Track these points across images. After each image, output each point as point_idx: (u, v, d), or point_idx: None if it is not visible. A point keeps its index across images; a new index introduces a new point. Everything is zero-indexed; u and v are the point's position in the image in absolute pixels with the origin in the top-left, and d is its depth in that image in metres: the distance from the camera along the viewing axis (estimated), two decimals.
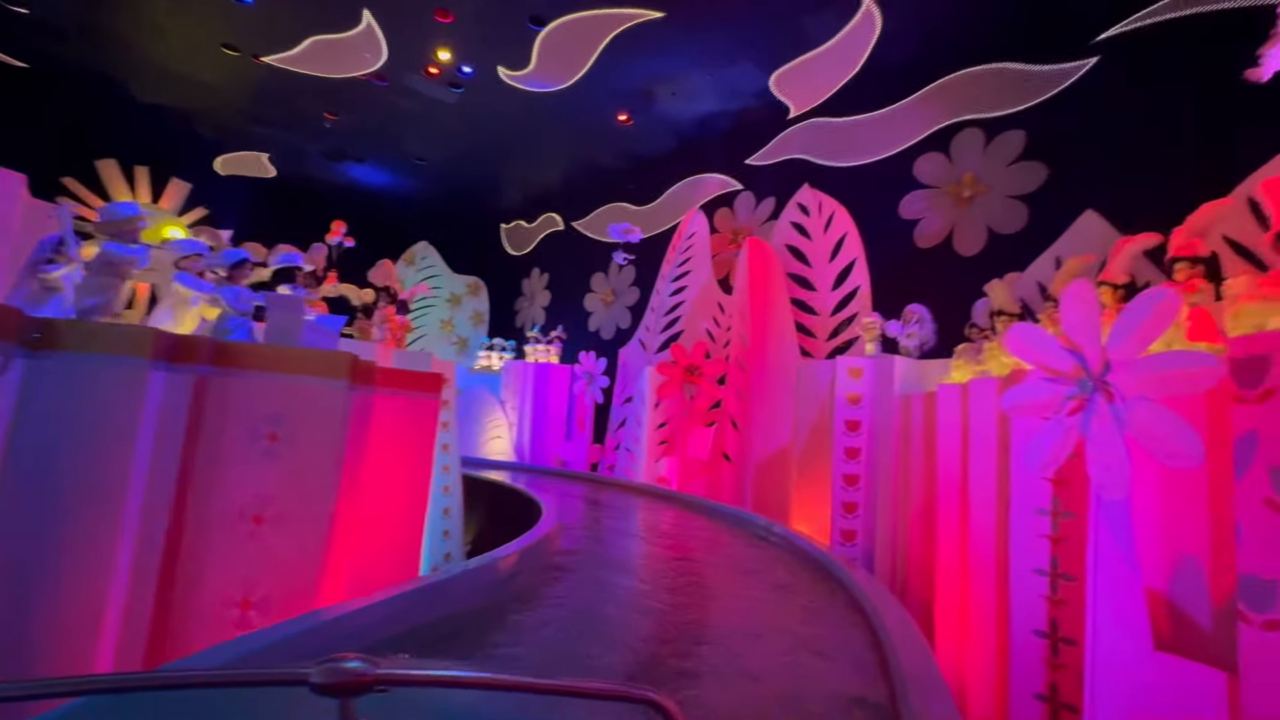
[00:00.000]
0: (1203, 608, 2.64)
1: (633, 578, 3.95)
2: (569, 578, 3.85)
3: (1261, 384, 2.28)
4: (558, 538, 4.93)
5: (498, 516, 7.86)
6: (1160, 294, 2.48)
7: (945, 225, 7.93)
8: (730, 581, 3.99)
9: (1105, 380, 2.72)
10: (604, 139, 11.60)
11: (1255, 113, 4.98)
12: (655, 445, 9.48)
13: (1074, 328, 2.82)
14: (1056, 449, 2.89)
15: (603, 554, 4.59)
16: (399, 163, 13.52)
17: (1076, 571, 3.31)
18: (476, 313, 14.74)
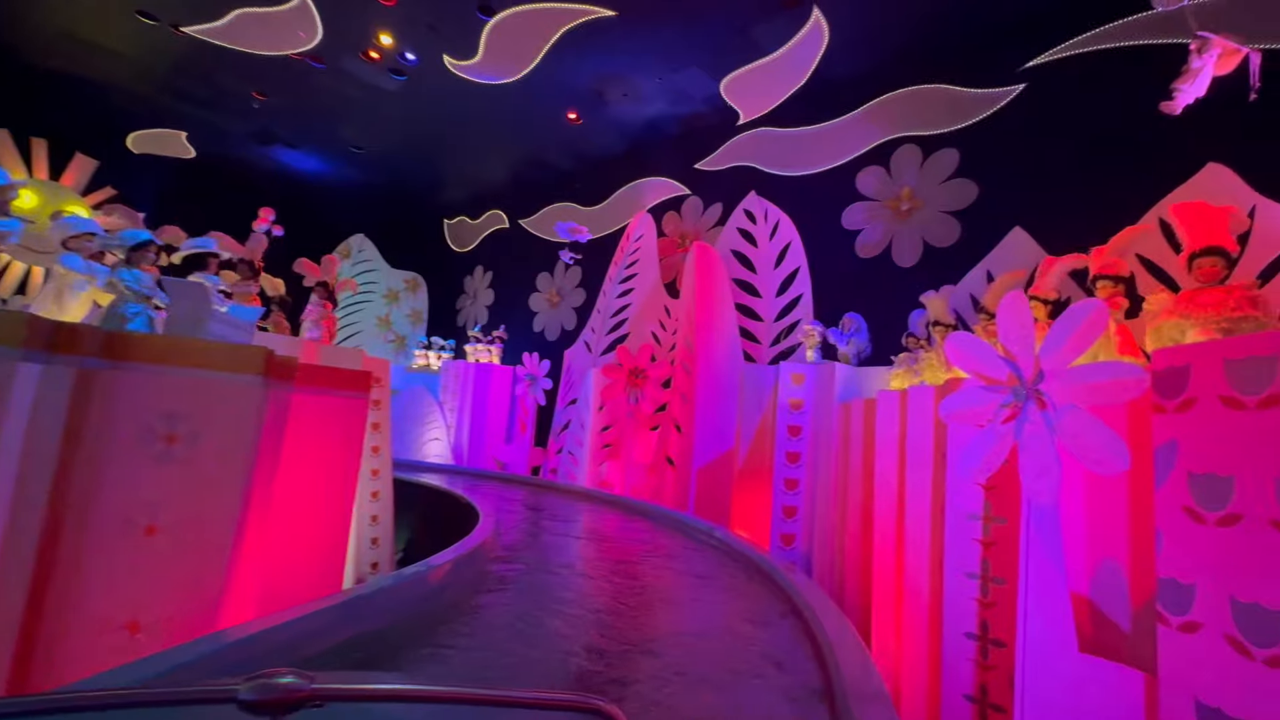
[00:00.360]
0: (1123, 610, 2.74)
1: (574, 587, 3.80)
2: (507, 588, 3.67)
3: (1180, 395, 2.38)
4: (495, 545, 4.72)
5: (432, 523, 7.53)
6: (1090, 306, 2.57)
7: (884, 237, 8.17)
8: (673, 588, 3.91)
9: (1038, 389, 2.79)
10: (553, 137, 11.40)
11: (1167, 141, 5.34)
12: (599, 449, 9.34)
13: (1010, 337, 2.89)
14: (991, 455, 2.95)
15: (543, 561, 4.42)
16: (335, 150, 12.87)
17: (1006, 575, 3.40)
18: (415, 310, 14.19)
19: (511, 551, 4.67)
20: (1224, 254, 3.07)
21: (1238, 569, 2.11)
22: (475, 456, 11.00)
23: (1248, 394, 2.12)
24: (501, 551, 4.61)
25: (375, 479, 5.77)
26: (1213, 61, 3.87)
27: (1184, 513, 2.32)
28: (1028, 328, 2.82)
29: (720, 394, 7.96)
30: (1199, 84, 3.91)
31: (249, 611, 2.87)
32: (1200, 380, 2.30)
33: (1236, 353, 2.18)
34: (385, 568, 5.81)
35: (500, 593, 3.56)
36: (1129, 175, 5.67)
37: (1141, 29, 6.27)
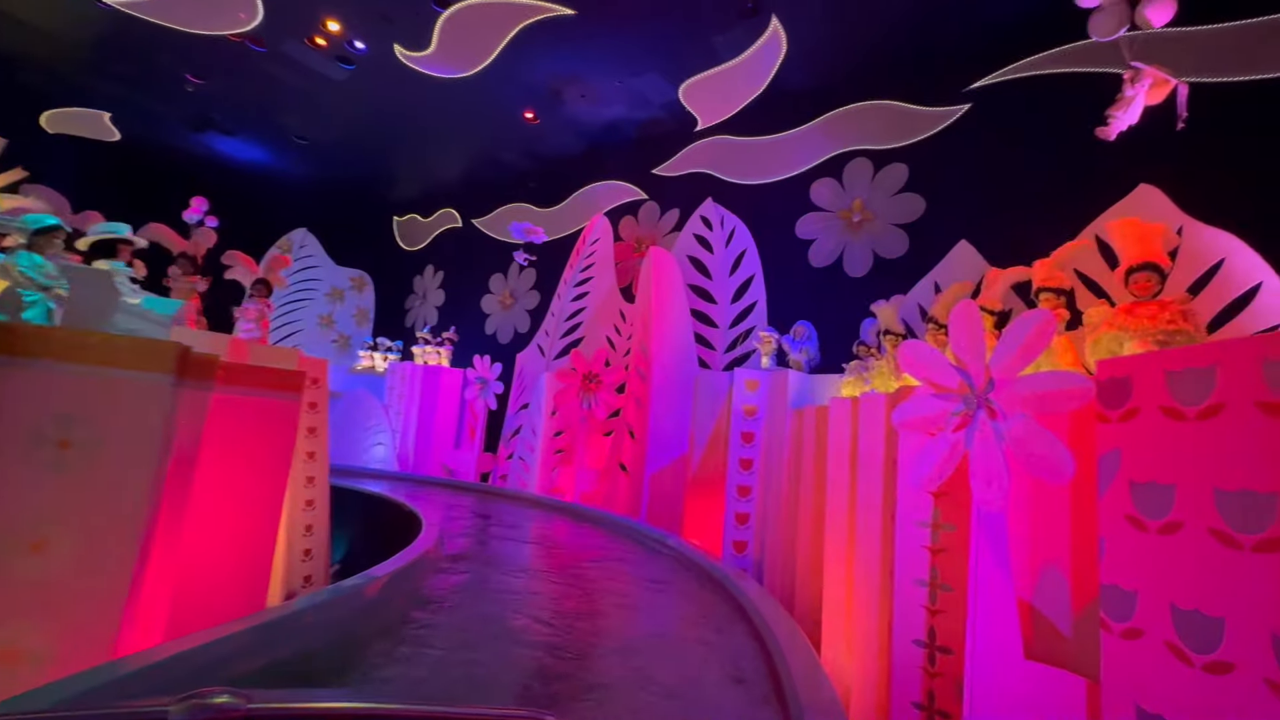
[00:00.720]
0: (1066, 617, 2.79)
1: (521, 600, 3.63)
2: (450, 602, 3.47)
3: (1123, 405, 2.43)
4: (438, 556, 4.50)
5: (373, 533, 7.17)
6: (1038, 316, 2.60)
7: (837, 247, 8.31)
8: (624, 598, 3.79)
9: (988, 398, 2.81)
10: (509, 136, 11.17)
11: (1102, 162, 5.60)
12: (550, 455, 9.14)
13: (961, 346, 2.91)
14: (942, 463, 2.96)
15: (490, 572, 4.23)
16: (276, 140, 12.27)
17: (955, 582, 3.43)
18: (361, 310, 13.64)
19: (456, 563, 4.46)
20: (1158, 269, 3.19)
21: (1178, 576, 2.15)
22: (422, 462, 10.61)
23: (1188, 405, 2.17)
24: (445, 563, 4.39)
25: (310, 486, 5.43)
26: (1144, 91, 4.06)
27: (1126, 521, 2.36)
28: (979, 337, 2.85)
29: (675, 400, 7.91)
30: (1132, 112, 4.10)
31: (154, 636, 2.59)
32: (1142, 391, 2.35)
33: (1176, 364, 2.23)
34: (320, 582, 5.46)
35: (442, 608, 3.36)
36: (1067, 193, 5.92)
37: (1080, 57, 6.58)
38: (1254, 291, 4.02)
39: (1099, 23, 4.12)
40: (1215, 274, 4.21)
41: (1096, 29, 4.14)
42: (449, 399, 10.82)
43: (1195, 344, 2.99)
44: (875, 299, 7.07)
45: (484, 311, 12.38)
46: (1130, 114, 4.09)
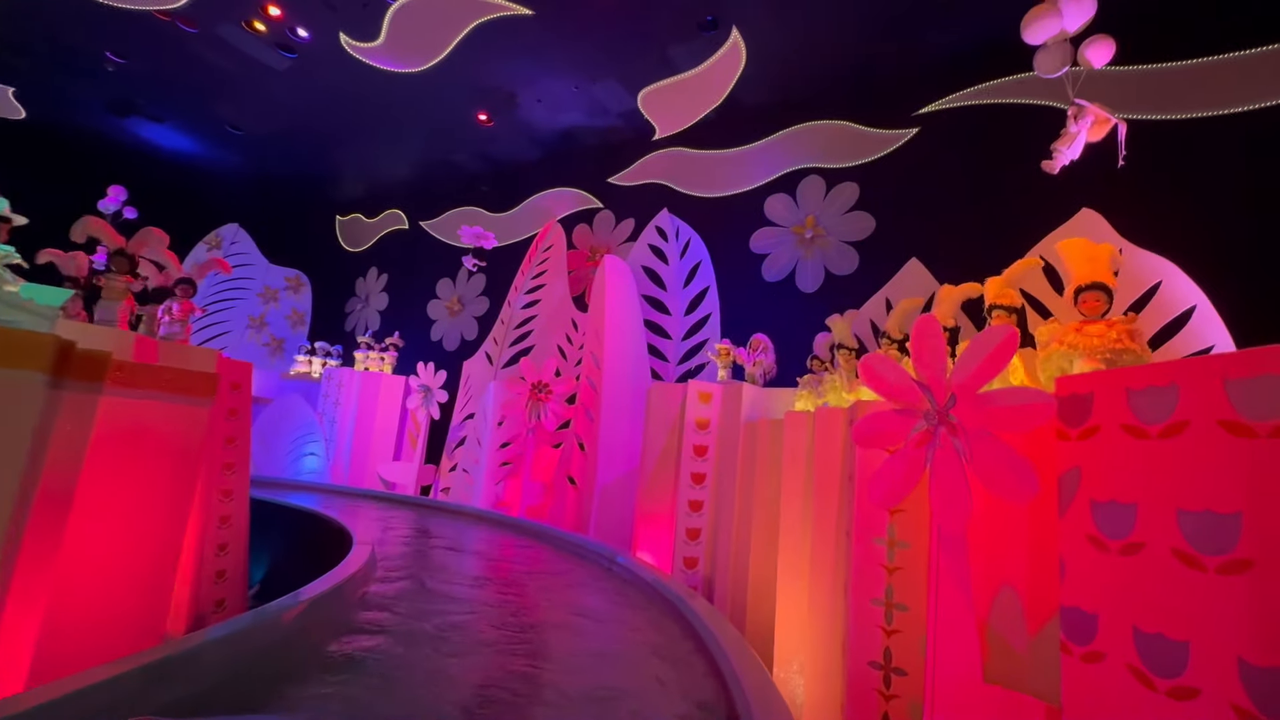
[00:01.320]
0: (1023, 639, 2.74)
1: (459, 629, 3.34)
2: (378, 633, 3.15)
3: (1083, 422, 2.40)
4: (369, 578, 4.14)
5: (299, 552, 6.65)
6: (1001, 331, 2.56)
7: (790, 262, 8.37)
8: (568, 623, 3.55)
9: (949, 414, 2.75)
10: (461, 137, 10.82)
11: (1046, 185, 5.83)
12: (496, 467, 8.77)
13: (922, 361, 2.86)
14: (902, 480, 2.89)
15: (426, 596, 3.90)
16: (208, 129, 11.51)
17: (911, 602, 3.36)
18: (296, 311, 12.88)
19: (388, 586, 4.10)
20: (1106, 289, 3.24)
21: (1140, 598, 2.11)
22: (358, 474, 10.02)
23: (1149, 423, 2.14)
24: (376, 586, 4.03)
25: (227, 501, 4.94)
26: (1087, 128, 4.20)
27: (1087, 540, 2.32)
28: (940, 351, 2.80)
29: (627, 411, 7.72)
30: (1075, 147, 4.24)
31: (15, 680, 2.20)
32: (1103, 409, 2.33)
33: (1138, 383, 2.21)
34: (235, 606, 4.97)
35: (370, 639, 3.04)
36: (1012, 216, 6.13)
37: (1022, 89, 6.87)
38: (1188, 314, 4.19)
39: (1043, 60, 4.25)
40: (1152, 296, 4.38)
41: (1041, 66, 4.26)
42: (389, 408, 10.29)
43: (1142, 363, 3.05)
44: (827, 314, 7.14)
45: (430, 317, 11.90)
46: (1073, 149, 4.22)
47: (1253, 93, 4.95)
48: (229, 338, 12.18)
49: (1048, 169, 4.28)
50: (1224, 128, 5.18)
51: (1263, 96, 4.90)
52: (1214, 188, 4.97)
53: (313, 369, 11.07)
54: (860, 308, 6.92)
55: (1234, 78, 5.09)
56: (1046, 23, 4.04)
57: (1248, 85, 4.97)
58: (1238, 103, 5.04)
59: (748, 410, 6.06)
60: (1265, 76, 4.90)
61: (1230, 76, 5.12)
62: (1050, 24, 4.03)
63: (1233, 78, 5.10)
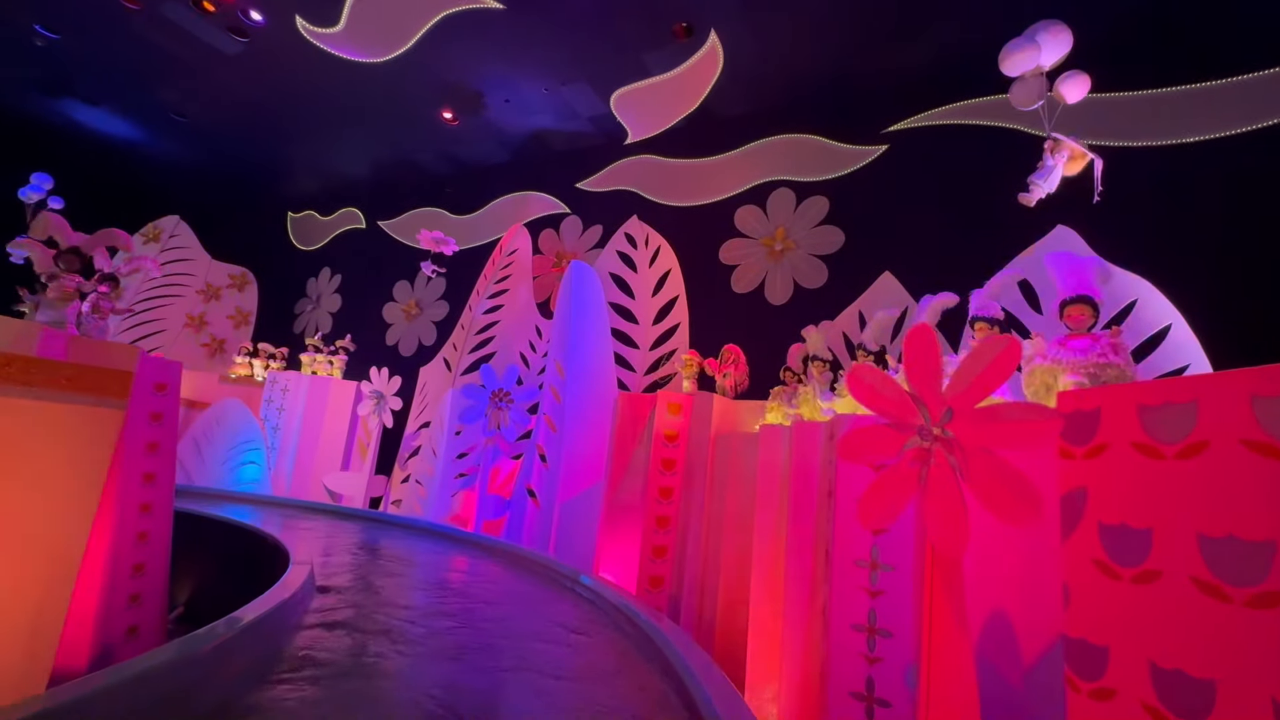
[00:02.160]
0: (1018, 670, 2.57)
1: (407, 668, 2.98)
2: (313, 673, 2.75)
3: (1090, 440, 2.26)
4: (304, 605, 3.71)
5: (231, 570, 6.08)
6: (1002, 341, 2.41)
7: (759, 274, 8.26)
8: (530, 658, 3.22)
9: (945, 429, 2.58)
10: (424, 135, 10.41)
11: (1015, 203, 5.90)
12: (452, 479, 8.32)
13: (916, 371, 2.68)
14: (893, 500, 2.69)
15: (370, 625, 3.51)
16: (149, 114, 10.76)
17: (895, 628, 3.17)
18: (240, 310, 12.11)
19: (328, 613, 3.68)
20: (1092, 302, 3.16)
21: (1157, 631, 1.95)
22: (302, 485, 9.38)
23: (1165, 442, 2.00)
24: (314, 614, 3.61)
25: (145, 515, 4.42)
26: (1063, 162, 4.19)
27: (1095, 566, 2.16)
28: (935, 362, 2.63)
29: (592, 422, 7.42)
30: (1051, 181, 4.22)
31: None
32: (1112, 426, 2.19)
33: (1153, 399, 2.07)
34: (150, 634, 4.42)
35: (302, 682, 2.64)
36: (984, 232, 6.15)
37: (991, 111, 6.97)
38: (1164, 333, 4.20)
39: (1019, 93, 4.23)
40: (1128, 314, 4.38)
41: (1017, 98, 4.25)
42: (338, 414, 9.70)
43: (1126, 380, 2.95)
44: (796, 327, 7.02)
45: (386, 321, 11.35)
46: (1050, 183, 4.20)
47: (1223, 121, 5.11)
48: (164, 337, 11.34)
49: (1024, 201, 4.24)
50: (1200, 153, 5.32)
51: (1235, 124, 5.05)
52: (1190, 207, 5.07)
53: (255, 372, 10.37)
54: (834, 320, 6.81)
55: (1207, 107, 5.26)
56: (1024, 56, 4.01)
57: (1220, 114, 5.13)
58: (1211, 130, 5.20)
59: (719, 423, 5.85)
60: (1238, 105, 5.07)
61: (1204, 105, 5.29)
62: (1028, 57, 4.01)
63: (1206, 107, 5.27)
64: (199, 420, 9.48)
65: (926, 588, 2.93)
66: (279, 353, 10.46)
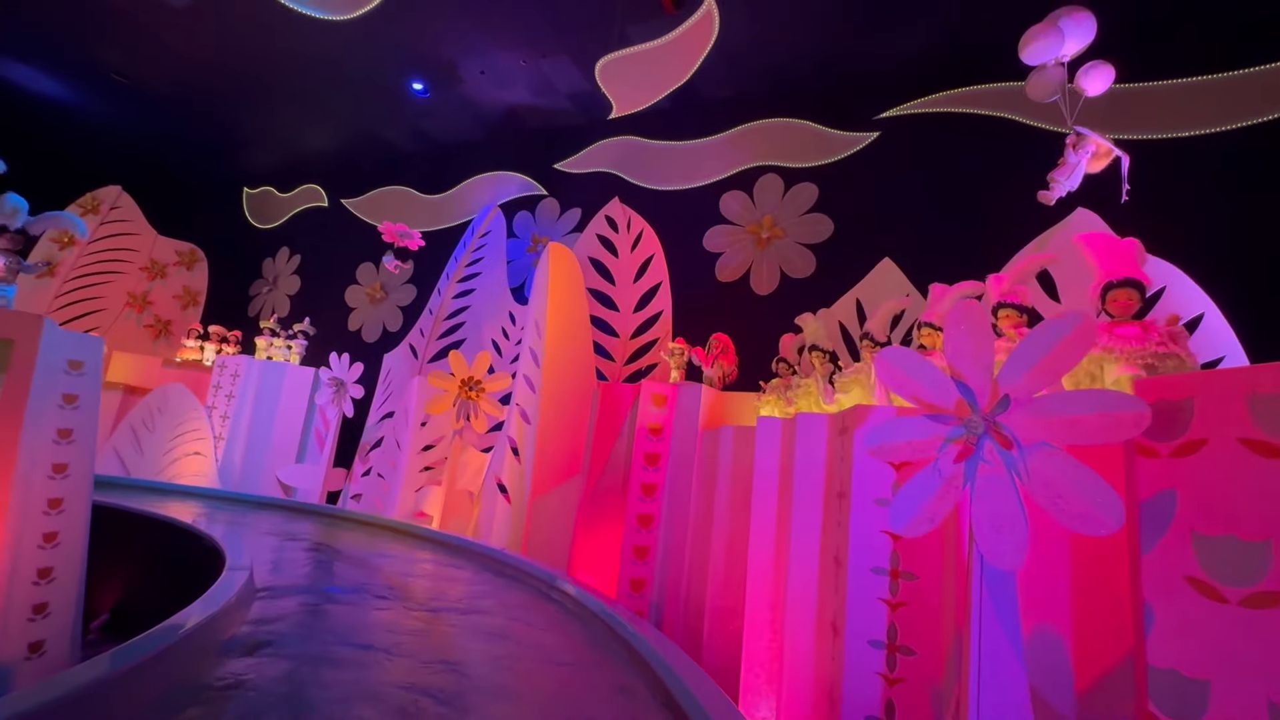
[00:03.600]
0: (1069, 699, 2.22)
1: (362, 690, 2.48)
2: (246, 700, 2.23)
3: (1180, 435, 1.91)
4: (238, 619, 3.15)
5: (167, 575, 5.42)
6: (1076, 318, 2.04)
7: (744, 262, 7.89)
8: (503, 677, 2.75)
9: (996, 421, 2.21)
10: (393, 107, 9.71)
11: (1013, 195, 5.63)
12: (417, 472, 7.74)
13: (961, 354, 2.30)
14: (933, 503, 2.31)
15: (316, 644, 2.98)
16: (87, 74, 9.80)
17: (919, 644, 2.81)
18: (188, 290, 11.21)
19: (268, 625, 3.13)
20: (1140, 286, 2.84)
21: (1278, 663, 1.61)
22: (252, 478, 8.65)
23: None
24: (248, 627, 3.06)
25: (54, 514, 3.78)
26: (1087, 159, 3.88)
27: (1189, 584, 1.82)
28: (986, 343, 2.25)
29: (568, 414, 6.94)
30: (1074, 178, 3.91)
31: None
32: (1210, 418, 1.84)
33: (1267, 385, 1.72)
34: (58, 653, 3.78)
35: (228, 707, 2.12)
36: (977, 224, 5.87)
37: (992, 100, 6.71)
38: (1196, 322, 3.95)
39: (1037, 84, 3.91)
40: (1157, 301, 4.12)
41: (1034, 90, 3.92)
42: (294, 403, 8.99)
43: (1187, 370, 2.63)
44: (782, 317, 6.68)
45: (348, 305, 10.62)
46: (1072, 180, 3.89)
47: (1248, 109, 4.91)
48: (103, 317, 10.39)
49: (1044, 200, 3.93)
50: (1227, 142, 5.10)
51: (1261, 112, 4.85)
52: (1217, 192, 4.82)
53: (205, 356, 9.56)
54: (830, 308, 6.46)
55: (1231, 95, 5.05)
56: (1046, 43, 3.68)
57: (1243, 101, 4.93)
58: (1235, 119, 4.99)
59: (707, 416, 5.45)
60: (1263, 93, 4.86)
61: (1227, 93, 5.08)
62: (1050, 45, 3.68)
63: (1229, 95, 5.06)
64: (138, 407, 8.67)
65: (958, 600, 2.57)
66: (231, 336, 9.66)
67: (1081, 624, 2.26)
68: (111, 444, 8.68)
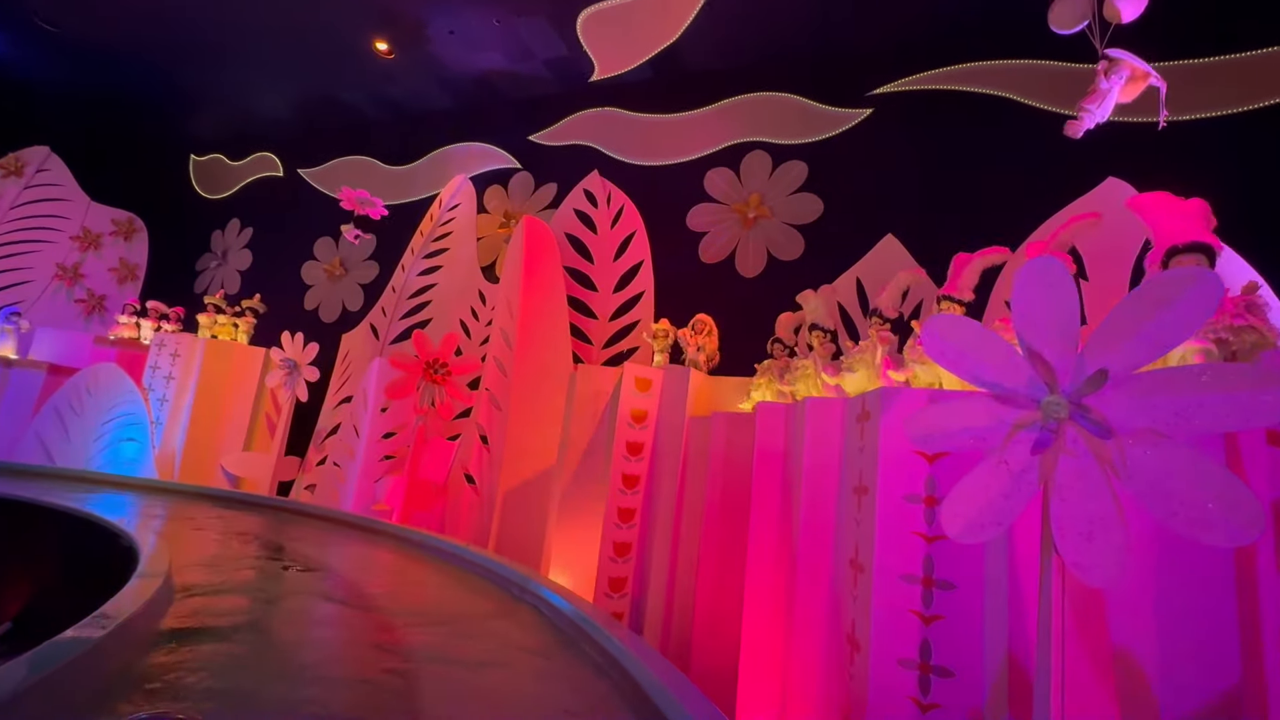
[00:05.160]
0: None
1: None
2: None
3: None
4: (145, 640, 2.52)
5: (80, 578, 4.71)
6: (1195, 275, 1.61)
7: (730, 243, 7.43)
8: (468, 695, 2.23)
9: (1084, 403, 1.77)
10: (354, 70, 8.92)
11: (1011, 180, 5.33)
12: (377, 461, 7.10)
13: (1035, 320, 1.86)
14: (999, 503, 1.88)
15: (263, 655, 2.39)
16: (10, 20, 8.74)
17: (958, 664, 2.39)
18: (125, 263, 10.22)
19: (190, 648, 2.52)
20: (1209, 251, 2.46)
21: None
22: (195, 467, 7.85)
23: None
24: (156, 655, 2.44)
25: None
26: (1120, 85, 3.50)
27: None
28: (1069, 306, 1.81)
29: (543, 400, 6.39)
30: (1104, 107, 3.51)
31: None
32: None
33: None
34: None
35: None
36: (973, 208, 5.54)
37: (989, 78, 6.37)
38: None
39: (1061, 10, 3.50)
40: None
41: (1058, 17, 3.52)
42: (243, 385, 8.20)
43: (1269, 348, 2.25)
44: (770, 300, 6.26)
45: (305, 282, 9.81)
46: (1103, 109, 3.50)
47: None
48: (28, 290, 9.37)
49: (1071, 131, 3.53)
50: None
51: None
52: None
53: (142, 334, 8.67)
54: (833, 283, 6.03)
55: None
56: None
57: None
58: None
59: (694, 401, 4.97)
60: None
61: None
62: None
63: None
64: (64, 388, 7.78)
65: (1010, 614, 2.15)
66: (173, 313, 8.79)
67: (1176, 651, 1.85)
68: (34, 428, 7.79)
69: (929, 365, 3.10)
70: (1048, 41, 6.15)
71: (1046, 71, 6.06)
